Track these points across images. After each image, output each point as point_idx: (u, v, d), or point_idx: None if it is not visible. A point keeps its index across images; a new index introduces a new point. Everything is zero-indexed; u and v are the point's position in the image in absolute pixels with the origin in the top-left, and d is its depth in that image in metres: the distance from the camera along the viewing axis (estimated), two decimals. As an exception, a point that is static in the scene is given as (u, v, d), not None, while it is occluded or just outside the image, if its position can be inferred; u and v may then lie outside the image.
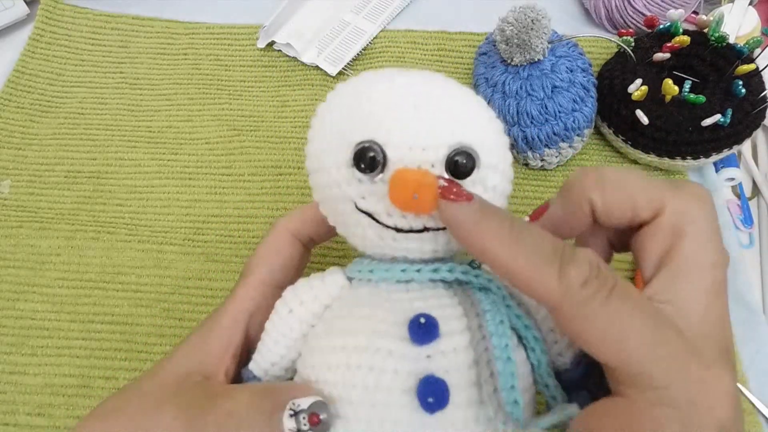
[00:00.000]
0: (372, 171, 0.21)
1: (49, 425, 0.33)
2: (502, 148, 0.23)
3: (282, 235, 0.27)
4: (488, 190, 0.22)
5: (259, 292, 0.26)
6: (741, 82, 0.37)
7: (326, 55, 0.47)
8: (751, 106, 0.37)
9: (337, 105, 0.23)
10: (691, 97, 0.37)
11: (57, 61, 0.48)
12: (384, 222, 0.21)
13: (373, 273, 0.23)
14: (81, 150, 0.44)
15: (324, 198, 0.23)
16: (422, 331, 0.20)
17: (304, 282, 0.24)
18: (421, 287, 0.23)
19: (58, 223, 0.40)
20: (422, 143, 0.20)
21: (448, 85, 0.22)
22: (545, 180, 0.42)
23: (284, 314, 0.24)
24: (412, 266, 0.22)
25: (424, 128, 0.21)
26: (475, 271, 0.22)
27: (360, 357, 0.20)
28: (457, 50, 0.48)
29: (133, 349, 0.36)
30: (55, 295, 0.37)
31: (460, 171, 0.21)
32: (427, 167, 0.20)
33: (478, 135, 0.21)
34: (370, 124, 0.21)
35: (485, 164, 0.21)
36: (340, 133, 0.22)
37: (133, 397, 0.23)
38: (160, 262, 0.39)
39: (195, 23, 0.50)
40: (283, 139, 0.44)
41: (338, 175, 0.22)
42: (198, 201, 0.41)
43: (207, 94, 0.46)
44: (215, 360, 0.24)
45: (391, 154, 0.20)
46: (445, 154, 0.21)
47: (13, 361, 0.35)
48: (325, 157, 0.22)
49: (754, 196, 0.43)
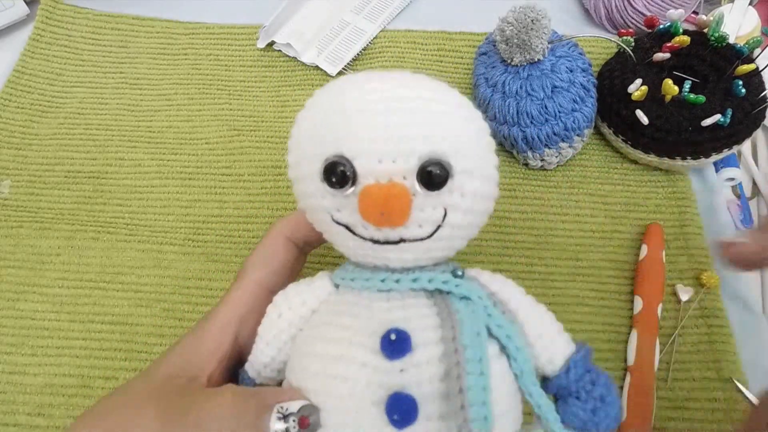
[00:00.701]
0: (342, 186, 0.20)
1: (49, 425, 0.33)
2: (481, 150, 0.22)
3: (277, 238, 0.28)
4: (466, 196, 0.21)
5: (252, 296, 0.26)
6: (741, 82, 0.37)
7: (326, 55, 0.47)
8: (751, 106, 0.37)
9: (311, 114, 0.22)
10: (691, 97, 0.37)
11: (57, 61, 0.48)
12: (360, 234, 0.21)
13: (354, 282, 0.23)
14: (81, 150, 0.44)
15: (305, 207, 0.23)
16: (393, 347, 0.20)
17: (294, 287, 0.25)
18: (402, 296, 0.22)
19: (58, 223, 0.40)
20: (392, 154, 0.20)
21: (422, 87, 0.21)
22: (545, 180, 0.42)
23: (274, 318, 0.24)
24: (393, 275, 0.22)
25: (393, 137, 0.20)
26: (456, 280, 0.22)
27: (336, 366, 0.21)
28: (457, 50, 0.48)
29: (133, 349, 0.36)
30: (55, 295, 0.37)
31: (433, 182, 0.20)
32: (399, 179, 0.20)
33: (453, 140, 0.20)
34: (339, 136, 0.20)
35: (461, 170, 0.20)
36: (313, 144, 0.21)
37: (121, 398, 0.23)
38: (160, 262, 0.39)
39: (195, 23, 0.50)
40: (283, 139, 0.44)
41: (313, 187, 0.21)
42: (198, 201, 0.41)
43: (207, 94, 0.46)
44: (202, 363, 0.25)
45: (360, 168, 0.20)
46: (417, 165, 0.20)
47: (13, 361, 0.35)
48: (301, 167, 0.22)
49: (754, 196, 0.43)
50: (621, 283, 0.38)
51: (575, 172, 0.42)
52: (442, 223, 0.21)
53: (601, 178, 0.42)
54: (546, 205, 0.41)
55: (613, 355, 0.35)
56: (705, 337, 0.36)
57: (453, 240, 0.22)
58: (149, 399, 0.22)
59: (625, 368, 0.35)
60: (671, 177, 0.41)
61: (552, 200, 0.41)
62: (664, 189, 0.41)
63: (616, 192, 0.41)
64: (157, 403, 0.22)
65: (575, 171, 0.42)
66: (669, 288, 0.37)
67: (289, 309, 0.24)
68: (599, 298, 0.37)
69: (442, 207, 0.21)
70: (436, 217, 0.21)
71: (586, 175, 0.42)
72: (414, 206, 0.20)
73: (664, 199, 0.41)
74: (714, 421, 0.33)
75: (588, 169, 0.42)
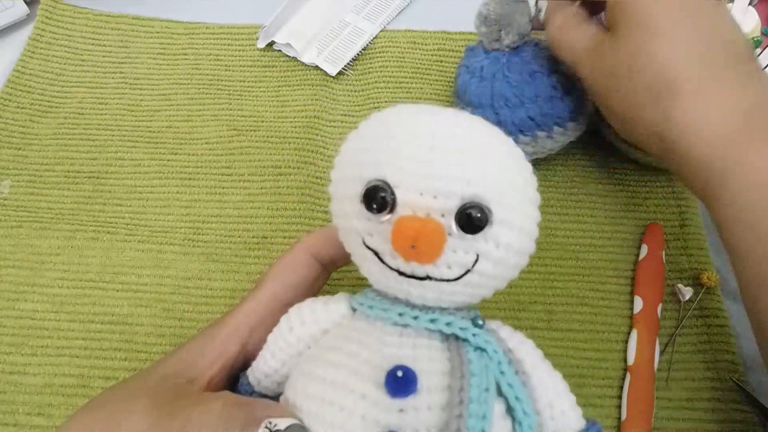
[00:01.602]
0: (380, 211, 0.20)
1: (48, 425, 0.33)
2: (525, 204, 0.21)
3: (301, 254, 0.27)
4: (501, 247, 0.20)
5: (267, 308, 0.26)
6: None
7: (326, 55, 0.47)
8: (750, 106, 0.37)
9: (361, 135, 0.22)
10: (691, 97, 0.37)
11: (57, 61, 0.48)
12: (388, 263, 0.21)
13: (372, 310, 0.22)
14: (81, 150, 0.44)
15: (338, 226, 0.23)
16: (398, 384, 0.20)
17: (310, 303, 0.24)
18: (417, 334, 0.22)
19: (58, 223, 0.40)
20: (434, 190, 0.19)
21: (474, 128, 0.21)
22: (545, 180, 0.42)
23: (285, 330, 0.24)
24: (412, 311, 0.22)
25: (438, 174, 0.19)
26: (475, 329, 0.21)
27: (335, 393, 0.20)
28: (457, 50, 0.48)
29: (133, 349, 0.36)
30: (55, 295, 0.37)
31: (472, 225, 0.19)
32: (437, 216, 0.19)
33: (497, 188, 0.20)
34: (384, 161, 0.20)
35: (500, 220, 0.20)
36: (356, 165, 0.21)
37: (116, 393, 0.23)
38: (160, 262, 0.39)
39: (195, 23, 0.50)
40: (283, 139, 0.44)
41: (349, 208, 0.21)
42: (198, 201, 0.41)
43: (207, 94, 0.46)
44: (204, 366, 0.24)
45: (400, 197, 0.20)
46: (457, 205, 0.19)
47: (13, 361, 0.35)
48: (341, 186, 0.22)
49: (753, 196, 0.43)
50: (621, 283, 0.38)
51: (575, 172, 0.42)
52: (471, 269, 0.20)
53: (601, 178, 0.42)
54: (546, 205, 0.40)
55: (613, 355, 0.35)
56: (705, 337, 0.36)
57: (479, 288, 0.21)
58: (143, 394, 0.22)
59: (625, 368, 0.35)
60: (671, 177, 0.41)
61: (552, 200, 0.41)
62: (664, 189, 0.41)
63: (616, 192, 0.41)
64: (150, 399, 0.22)
65: (575, 171, 0.42)
66: (669, 288, 0.37)
67: (301, 325, 0.24)
68: (599, 298, 0.37)
69: (475, 253, 0.20)
70: (467, 261, 0.20)
71: (586, 175, 0.42)
72: (447, 246, 0.20)
73: (664, 199, 0.41)
74: (714, 421, 0.33)
75: (588, 169, 0.42)
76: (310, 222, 0.40)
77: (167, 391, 0.23)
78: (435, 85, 0.46)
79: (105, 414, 0.22)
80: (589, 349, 0.35)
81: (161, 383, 0.23)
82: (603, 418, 0.33)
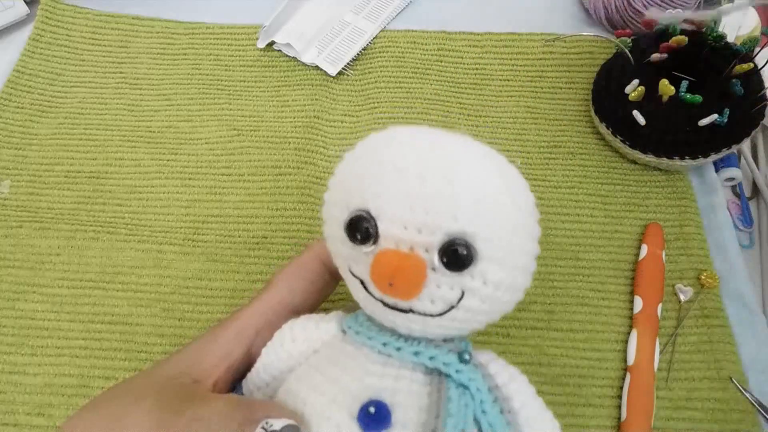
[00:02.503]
0: (363, 242, 0.19)
1: (48, 425, 0.33)
2: (519, 240, 0.20)
3: (312, 261, 0.27)
4: (489, 284, 0.19)
5: (274, 311, 0.26)
6: (738, 81, 0.37)
7: (326, 55, 0.47)
8: (749, 106, 0.37)
9: (353, 158, 0.21)
10: (688, 97, 0.37)
11: (57, 61, 0.48)
12: (372, 292, 0.20)
13: (358, 336, 0.22)
14: (81, 150, 0.44)
15: (329, 248, 0.23)
16: (369, 420, 0.19)
17: (303, 320, 0.24)
18: (401, 364, 0.21)
19: (58, 223, 0.40)
20: (419, 223, 0.18)
21: (469, 156, 0.20)
22: (545, 180, 0.42)
23: (277, 345, 0.24)
24: (396, 341, 0.21)
25: (423, 206, 0.18)
26: (459, 365, 0.21)
27: (313, 418, 0.20)
28: (457, 50, 0.48)
29: (133, 349, 0.36)
30: (55, 295, 0.37)
31: (457, 262, 0.18)
32: (420, 250, 0.19)
33: (487, 224, 0.19)
34: (368, 190, 0.19)
35: (488, 257, 0.19)
36: (344, 191, 0.20)
37: (121, 391, 0.23)
38: (160, 262, 0.39)
39: (195, 23, 0.50)
40: (283, 139, 0.44)
41: (337, 233, 0.21)
42: (198, 201, 0.41)
43: (207, 94, 0.46)
44: (209, 367, 0.24)
45: (383, 229, 0.19)
46: (442, 241, 0.18)
47: (13, 361, 0.35)
48: (331, 209, 0.21)
49: (753, 196, 0.43)
50: (621, 283, 0.38)
51: (575, 172, 0.42)
52: (456, 305, 0.20)
53: (601, 178, 0.42)
54: (546, 205, 0.41)
55: (613, 355, 0.35)
56: (705, 337, 0.36)
57: (467, 322, 0.21)
58: (148, 393, 0.22)
59: (625, 368, 0.35)
60: (671, 177, 0.41)
61: (552, 200, 0.41)
62: (664, 189, 0.41)
63: (616, 192, 0.41)
64: (155, 397, 0.22)
65: (575, 171, 0.42)
66: (669, 288, 0.37)
67: (293, 342, 0.24)
68: (599, 298, 0.37)
69: (460, 288, 0.19)
70: (452, 297, 0.19)
71: (586, 175, 0.42)
72: (430, 280, 0.19)
73: (664, 199, 0.41)
74: (714, 421, 0.33)
75: (588, 169, 0.42)
76: (310, 222, 0.40)
77: (173, 389, 0.23)
78: (435, 85, 0.46)
79: (109, 411, 0.22)
80: (589, 349, 0.35)
81: (167, 382, 0.23)
82: (603, 418, 0.33)
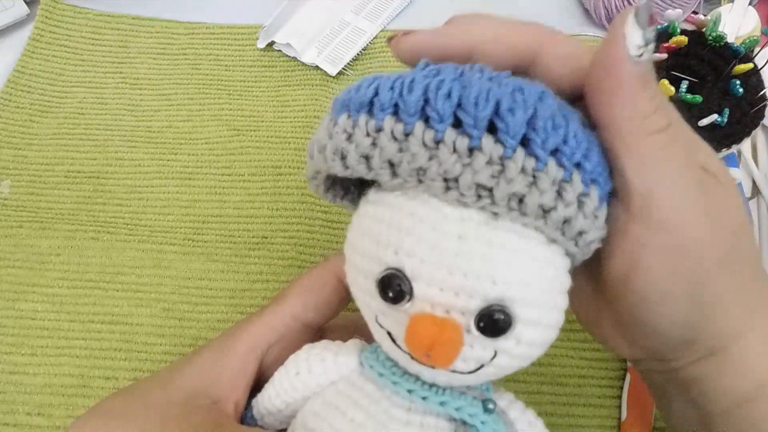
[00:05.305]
0: (394, 302, 0.18)
1: (48, 425, 0.33)
2: (553, 297, 0.19)
3: (328, 275, 0.26)
4: (522, 344, 0.18)
5: (286, 325, 0.25)
6: (738, 81, 0.37)
7: (326, 55, 0.47)
8: (749, 106, 0.37)
9: (389, 201, 0.19)
10: (688, 97, 0.37)
11: (57, 61, 0.48)
12: (399, 345, 0.19)
13: (382, 378, 0.21)
14: (81, 150, 0.44)
15: (352, 292, 0.22)
16: None
17: (320, 350, 0.23)
18: (424, 412, 0.21)
19: (58, 223, 0.40)
20: (456, 286, 0.17)
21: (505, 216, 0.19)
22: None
23: (291, 373, 0.23)
24: (421, 390, 0.20)
25: (462, 269, 0.17)
26: (484, 416, 0.20)
27: None
28: (456, 50, 0.48)
29: (133, 349, 0.36)
30: (55, 295, 0.37)
31: (494, 329, 0.18)
32: (456, 314, 0.18)
33: (525, 288, 0.18)
34: (403, 248, 0.18)
35: (524, 320, 0.18)
36: (374, 240, 0.19)
37: (138, 406, 0.23)
38: (160, 262, 0.39)
39: (195, 23, 0.50)
40: (283, 139, 0.44)
41: (363, 284, 0.19)
42: (198, 201, 0.41)
43: (207, 94, 0.46)
44: (226, 386, 0.24)
45: (418, 291, 0.18)
46: (479, 306, 0.18)
47: (13, 361, 0.35)
48: (356, 256, 0.20)
49: (754, 196, 0.43)
50: (621, 282, 0.38)
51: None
52: (488, 363, 0.19)
53: (600, 178, 0.42)
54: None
55: (613, 356, 0.35)
56: (704, 336, 0.36)
57: (495, 376, 0.20)
58: (172, 416, 0.22)
59: (625, 368, 0.35)
60: (671, 177, 0.41)
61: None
62: (664, 189, 0.41)
63: (615, 192, 0.41)
64: (180, 425, 0.21)
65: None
66: (668, 288, 0.37)
67: (309, 372, 0.22)
68: (599, 298, 0.37)
69: (493, 349, 0.19)
70: (485, 357, 0.19)
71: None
72: (464, 342, 0.18)
73: (664, 199, 0.41)
74: (713, 420, 0.33)
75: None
76: (310, 222, 0.40)
77: (197, 416, 0.22)
78: (435, 85, 0.46)
79: (126, 427, 0.21)
80: (589, 349, 0.35)
81: (188, 405, 0.22)
82: (603, 418, 0.33)
